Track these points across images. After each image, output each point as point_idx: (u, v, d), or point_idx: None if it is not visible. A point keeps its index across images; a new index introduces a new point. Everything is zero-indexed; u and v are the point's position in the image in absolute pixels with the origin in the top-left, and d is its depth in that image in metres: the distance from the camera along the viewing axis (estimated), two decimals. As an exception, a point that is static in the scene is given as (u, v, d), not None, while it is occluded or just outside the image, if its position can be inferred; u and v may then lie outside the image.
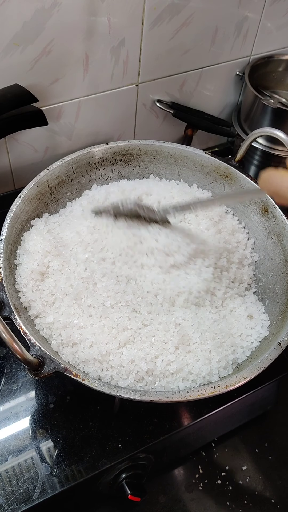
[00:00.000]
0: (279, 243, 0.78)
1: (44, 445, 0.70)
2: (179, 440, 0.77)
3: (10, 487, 0.66)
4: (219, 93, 1.06)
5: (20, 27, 0.75)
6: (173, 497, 0.78)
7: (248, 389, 0.76)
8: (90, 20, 0.79)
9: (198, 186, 0.88)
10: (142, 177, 0.89)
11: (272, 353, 0.64)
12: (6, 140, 0.88)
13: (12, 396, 0.74)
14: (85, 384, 0.59)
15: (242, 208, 0.85)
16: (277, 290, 0.76)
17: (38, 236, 0.75)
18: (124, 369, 0.64)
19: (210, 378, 0.66)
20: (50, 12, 0.75)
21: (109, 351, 0.65)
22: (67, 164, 0.82)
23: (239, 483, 0.80)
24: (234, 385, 0.61)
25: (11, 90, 0.78)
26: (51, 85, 0.85)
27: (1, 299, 0.64)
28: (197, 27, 0.90)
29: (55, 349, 0.66)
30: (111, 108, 0.94)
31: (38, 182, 0.79)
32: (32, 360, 0.58)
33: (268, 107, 0.97)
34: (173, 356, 0.66)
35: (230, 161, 0.86)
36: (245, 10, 0.94)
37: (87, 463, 0.69)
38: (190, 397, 0.60)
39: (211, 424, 0.79)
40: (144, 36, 0.86)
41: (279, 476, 0.82)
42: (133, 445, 0.70)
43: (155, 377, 0.65)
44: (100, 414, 0.73)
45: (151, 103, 0.99)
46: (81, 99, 0.90)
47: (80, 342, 0.66)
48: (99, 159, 0.86)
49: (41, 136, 0.91)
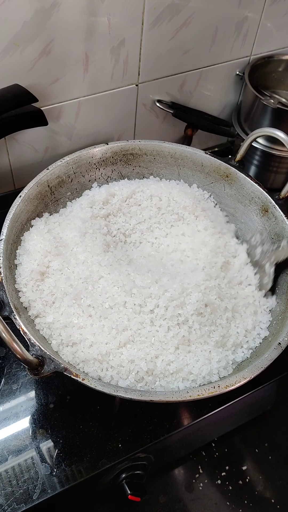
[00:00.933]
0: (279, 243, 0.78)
1: (44, 445, 0.70)
2: (179, 440, 0.77)
3: (10, 487, 0.66)
4: (219, 93, 1.06)
5: (20, 27, 0.75)
6: (173, 497, 0.78)
7: (248, 389, 0.76)
8: (90, 20, 0.79)
9: (198, 186, 0.88)
10: (142, 177, 0.89)
11: (272, 353, 0.64)
12: (6, 140, 0.88)
13: (12, 396, 0.74)
14: (85, 384, 0.59)
15: (242, 208, 0.85)
16: (277, 290, 0.76)
17: (38, 236, 0.74)
18: (124, 369, 0.64)
19: (210, 378, 0.66)
20: (50, 12, 0.75)
21: (109, 351, 0.65)
22: (67, 164, 0.82)
23: (239, 483, 0.80)
24: (234, 385, 0.61)
25: (11, 90, 0.78)
26: (51, 85, 0.85)
27: (1, 299, 0.64)
28: (197, 27, 0.90)
29: (55, 349, 0.66)
30: (111, 108, 0.94)
31: (38, 182, 0.79)
32: (32, 360, 0.58)
33: (268, 107, 0.97)
34: (173, 356, 0.66)
35: (230, 161, 0.86)
36: (245, 10, 0.94)
37: (87, 463, 0.69)
38: (190, 397, 0.60)
39: (211, 424, 0.79)
40: (144, 36, 0.86)
41: (279, 476, 0.82)
42: (133, 445, 0.70)
43: (155, 377, 0.65)
44: (100, 414, 0.73)
45: (151, 103, 0.99)
46: (81, 99, 0.90)
47: (80, 342, 0.66)
48: (99, 159, 0.86)
49: (41, 136, 0.91)
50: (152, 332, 0.67)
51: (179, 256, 0.79)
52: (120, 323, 0.67)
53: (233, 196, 0.86)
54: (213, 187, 0.87)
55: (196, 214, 0.82)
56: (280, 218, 0.79)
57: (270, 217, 0.81)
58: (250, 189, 0.83)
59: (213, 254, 0.76)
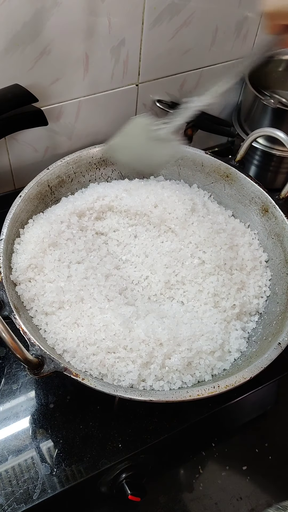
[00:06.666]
0: (279, 243, 0.78)
1: (44, 445, 0.70)
2: (179, 440, 0.77)
3: (10, 487, 0.66)
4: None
5: (20, 27, 0.75)
6: (173, 497, 0.78)
7: (248, 389, 0.76)
8: (90, 20, 0.79)
9: (199, 186, 0.88)
10: (142, 177, 0.89)
11: (272, 353, 0.64)
12: (6, 140, 0.88)
13: (12, 396, 0.74)
14: (84, 383, 0.59)
15: (242, 208, 0.85)
16: (277, 290, 0.76)
17: (38, 230, 0.74)
18: (124, 369, 0.64)
19: (210, 378, 0.66)
20: (50, 12, 0.75)
21: (109, 350, 0.65)
22: (67, 164, 0.82)
23: (239, 483, 0.80)
24: (234, 385, 0.61)
25: (11, 90, 0.78)
26: (51, 85, 0.85)
27: (1, 299, 0.64)
28: (197, 27, 0.90)
29: (55, 350, 0.66)
30: (111, 108, 0.94)
31: (38, 182, 0.79)
32: (32, 359, 0.58)
33: (268, 107, 0.97)
34: (173, 355, 0.66)
35: (231, 161, 0.86)
36: (245, 10, 0.94)
37: (87, 463, 0.69)
38: (190, 397, 0.60)
39: (211, 424, 0.79)
40: (144, 36, 0.86)
41: (279, 476, 0.82)
42: (133, 445, 0.70)
43: (155, 376, 0.65)
44: (100, 414, 0.73)
45: (151, 103, 0.99)
46: (81, 99, 0.90)
47: (80, 342, 0.66)
48: (99, 159, 0.86)
49: (41, 136, 0.91)
50: (152, 331, 0.67)
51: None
52: (120, 322, 0.67)
53: (233, 196, 0.86)
54: (213, 187, 0.87)
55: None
56: (280, 218, 0.79)
57: (270, 217, 0.81)
58: (250, 189, 0.83)
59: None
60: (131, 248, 0.79)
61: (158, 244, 0.78)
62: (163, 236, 0.79)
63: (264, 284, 0.77)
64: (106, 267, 0.74)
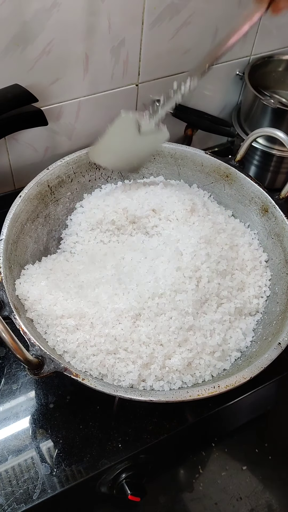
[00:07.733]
0: (279, 243, 0.78)
1: (44, 445, 0.70)
2: (179, 440, 0.77)
3: (10, 487, 0.66)
4: (219, 93, 1.06)
5: (20, 27, 0.75)
6: (173, 497, 0.78)
7: (248, 389, 0.76)
8: (90, 20, 0.79)
9: (198, 186, 0.88)
10: (142, 177, 0.89)
11: (272, 353, 0.64)
12: (6, 140, 0.88)
13: (12, 396, 0.74)
14: (84, 384, 0.59)
15: (242, 208, 0.85)
16: (277, 290, 0.76)
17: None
18: (124, 369, 0.64)
19: (210, 378, 0.66)
20: (50, 12, 0.75)
21: (109, 351, 0.65)
22: (67, 164, 0.82)
23: (239, 483, 0.80)
24: (234, 385, 0.61)
25: (11, 90, 0.78)
26: (51, 85, 0.85)
27: (1, 299, 0.64)
28: (197, 27, 0.90)
29: (55, 349, 0.66)
30: (111, 108, 0.94)
31: (38, 182, 0.79)
32: (32, 359, 0.58)
33: (268, 107, 0.97)
34: (174, 355, 0.66)
35: (230, 161, 0.86)
36: (245, 10, 0.93)
37: (87, 463, 0.69)
38: (190, 397, 0.60)
39: (211, 424, 0.79)
40: (144, 36, 0.86)
41: (279, 476, 0.82)
42: (133, 445, 0.70)
43: (155, 376, 0.65)
44: (100, 414, 0.73)
45: (151, 103, 0.99)
46: (81, 99, 0.90)
47: (80, 342, 0.66)
48: (99, 159, 0.86)
49: (41, 136, 0.91)
50: (152, 331, 0.67)
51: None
52: (120, 323, 0.67)
53: (233, 196, 0.86)
54: (213, 187, 0.87)
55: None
56: (280, 218, 0.79)
57: (270, 217, 0.81)
58: (250, 189, 0.83)
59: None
60: (132, 250, 0.79)
61: (158, 244, 0.78)
62: (163, 237, 0.79)
63: (264, 284, 0.77)
64: (107, 269, 0.74)
